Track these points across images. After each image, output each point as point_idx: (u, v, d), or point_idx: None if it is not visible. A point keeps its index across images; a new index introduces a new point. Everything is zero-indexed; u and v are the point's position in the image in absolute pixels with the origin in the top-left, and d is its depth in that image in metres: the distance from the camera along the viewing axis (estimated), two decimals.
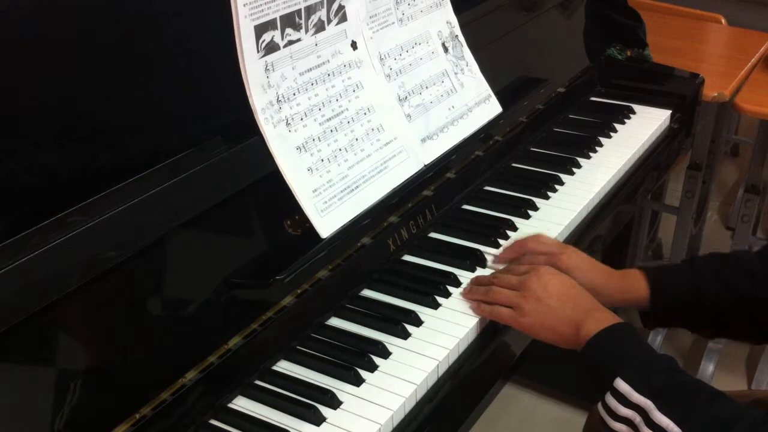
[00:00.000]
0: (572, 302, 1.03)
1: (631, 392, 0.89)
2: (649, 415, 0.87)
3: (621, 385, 0.90)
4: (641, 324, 1.17)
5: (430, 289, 1.13)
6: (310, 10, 1.08)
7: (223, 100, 1.03)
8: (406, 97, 1.26)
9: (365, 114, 1.18)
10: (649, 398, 0.88)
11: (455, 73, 1.36)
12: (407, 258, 1.21)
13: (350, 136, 1.15)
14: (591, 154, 1.52)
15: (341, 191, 1.11)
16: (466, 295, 1.12)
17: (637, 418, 0.88)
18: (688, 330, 1.17)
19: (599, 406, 0.93)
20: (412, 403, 0.97)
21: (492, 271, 1.18)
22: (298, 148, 1.07)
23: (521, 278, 1.07)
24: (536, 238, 1.19)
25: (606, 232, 1.45)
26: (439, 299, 1.12)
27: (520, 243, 1.19)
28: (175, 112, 1.00)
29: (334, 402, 0.95)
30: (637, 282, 1.12)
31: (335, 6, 1.13)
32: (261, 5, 1.00)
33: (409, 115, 1.25)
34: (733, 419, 0.84)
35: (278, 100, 1.06)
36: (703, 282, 1.09)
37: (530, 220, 1.32)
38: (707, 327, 1.14)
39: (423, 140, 1.26)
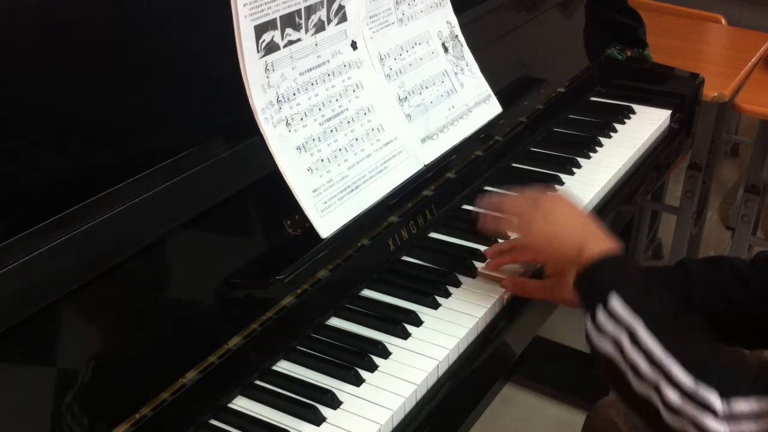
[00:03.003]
0: (581, 225, 1.04)
1: (622, 310, 0.89)
2: (636, 335, 0.87)
3: (614, 301, 0.90)
4: None
5: (430, 289, 1.13)
6: (310, 10, 1.08)
7: (223, 100, 1.03)
8: (406, 97, 1.26)
9: (365, 114, 1.18)
10: (639, 318, 0.87)
11: (455, 73, 1.36)
12: (407, 258, 1.21)
13: (350, 136, 1.15)
14: (591, 154, 1.52)
15: (341, 191, 1.11)
16: (480, 199, 1.15)
17: (623, 338, 0.88)
18: None
19: (587, 324, 0.93)
20: (412, 403, 0.97)
21: (492, 271, 1.18)
22: (298, 148, 1.07)
23: (536, 195, 1.09)
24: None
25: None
26: (439, 299, 1.12)
27: (513, 241, 1.19)
28: (175, 112, 1.00)
29: (334, 402, 0.95)
30: None
31: (335, 6, 1.13)
32: (261, 5, 1.00)
33: (409, 115, 1.25)
34: (717, 350, 0.85)
35: (278, 100, 1.06)
36: (696, 288, 1.09)
37: None
38: None
39: (423, 140, 1.26)
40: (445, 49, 1.36)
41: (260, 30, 1.01)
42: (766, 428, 0.77)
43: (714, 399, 0.80)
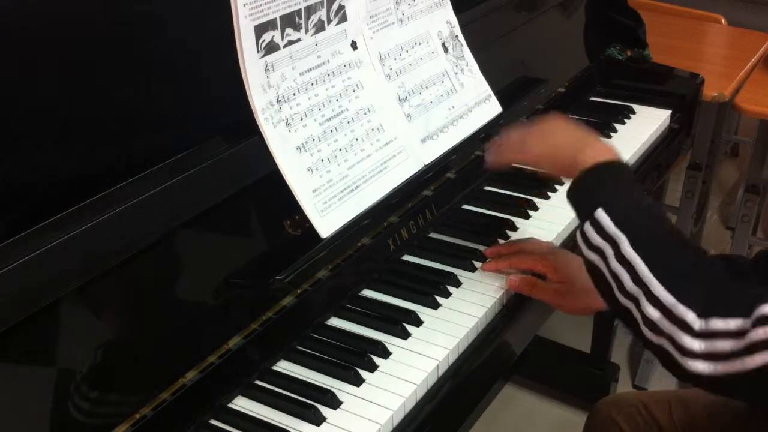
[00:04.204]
0: (577, 136, 1.05)
1: (609, 224, 0.90)
2: (620, 248, 0.88)
3: (601, 215, 0.91)
4: None
5: (430, 289, 1.13)
6: (310, 10, 1.08)
7: (223, 100, 1.03)
8: (406, 97, 1.26)
9: (365, 114, 1.18)
10: (623, 232, 0.89)
11: (455, 73, 1.36)
12: (407, 258, 1.21)
13: (350, 136, 1.15)
14: None
15: (341, 191, 1.11)
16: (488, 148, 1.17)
17: (608, 250, 0.89)
18: None
19: (577, 234, 0.95)
20: (412, 403, 0.97)
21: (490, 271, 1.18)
22: (298, 148, 1.07)
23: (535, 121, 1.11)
24: (530, 240, 1.22)
25: None
26: (439, 299, 1.12)
27: (513, 244, 1.21)
28: (175, 112, 1.00)
29: (334, 402, 0.95)
30: None
31: (335, 6, 1.13)
32: (261, 5, 1.00)
33: (409, 115, 1.25)
34: (698, 268, 0.86)
35: (278, 100, 1.06)
36: None
37: (530, 220, 1.32)
38: None
39: (423, 140, 1.26)
40: (445, 49, 1.36)
41: (260, 30, 1.01)
42: (739, 347, 0.77)
43: (691, 317, 0.81)
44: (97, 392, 0.84)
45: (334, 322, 1.08)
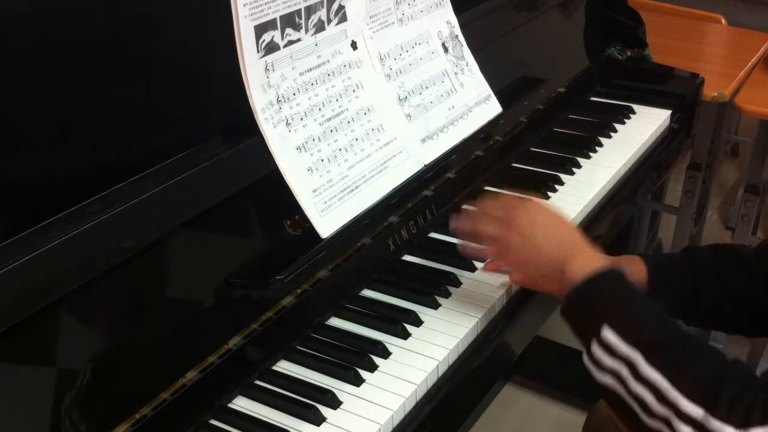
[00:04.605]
0: (558, 241, 0.99)
1: (618, 343, 0.86)
2: (637, 368, 0.84)
3: (608, 334, 0.86)
4: None
5: (430, 289, 1.13)
6: (310, 10, 1.08)
7: (223, 100, 1.03)
8: (406, 97, 1.26)
9: (365, 114, 1.18)
10: (637, 350, 0.84)
11: (455, 73, 1.36)
12: (407, 258, 1.21)
13: (350, 136, 1.15)
14: (591, 154, 1.52)
15: (341, 191, 1.11)
16: (453, 223, 1.07)
17: (624, 371, 0.85)
18: (684, 323, 1.18)
19: (584, 357, 0.90)
20: (412, 403, 0.97)
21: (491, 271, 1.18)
22: (298, 148, 1.07)
23: (509, 210, 1.03)
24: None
25: (606, 232, 1.45)
26: (439, 299, 1.12)
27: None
28: (175, 112, 1.00)
29: (334, 402, 0.95)
30: (637, 268, 1.11)
31: (335, 6, 1.13)
32: (261, 5, 1.00)
33: (409, 115, 1.25)
34: (722, 374, 0.81)
35: (278, 100, 1.06)
36: (700, 278, 1.09)
37: None
38: (704, 321, 1.14)
39: (423, 140, 1.26)
40: (445, 49, 1.36)
41: (260, 30, 1.01)
42: None
43: (729, 430, 0.77)
44: (97, 392, 0.84)
45: (334, 322, 1.08)
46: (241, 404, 0.96)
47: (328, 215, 1.08)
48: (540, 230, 0.99)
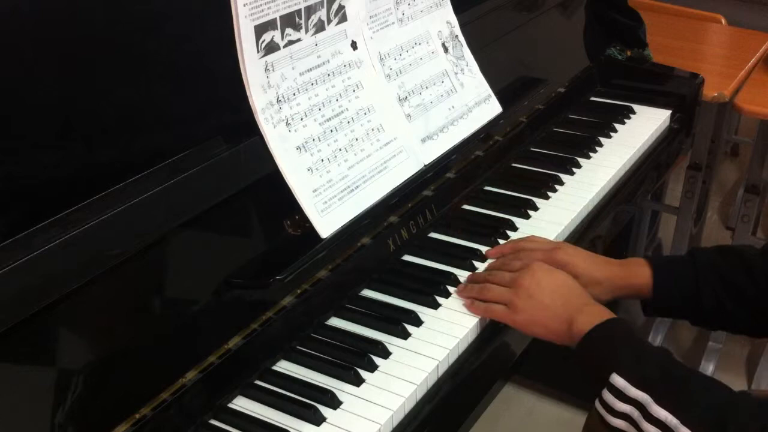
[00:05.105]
0: (564, 298, 1.03)
1: (627, 387, 0.89)
2: (648, 409, 0.87)
3: (617, 380, 0.90)
4: (641, 308, 1.17)
5: (430, 289, 1.13)
6: (310, 10, 1.08)
7: (223, 100, 1.03)
8: (406, 97, 1.26)
9: (365, 114, 1.18)
10: (646, 392, 0.88)
11: (455, 73, 1.36)
12: (407, 258, 1.21)
13: (350, 136, 1.15)
14: (591, 154, 1.52)
15: (341, 191, 1.11)
16: (461, 292, 1.12)
17: (635, 413, 0.89)
18: (690, 323, 1.18)
19: (596, 403, 0.94)
20: (412, 403, 0.97)
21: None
22: (298, 148, 1.07)
23: (514, 275, 1.08)
24: (530, 238, 1.20)
25: (606, 232, 1.45)
26: (439, 299, 1.12)
27: (515, 243, 1.20)
28: (175, 112, 1.00)
29: (334, 402, 0.95)
30: (641, 270, 1.13)
31: (335, 6, 1.13)
32: (261, 5, 1.00)
33: (409, 115, 1.25)
34: (730, 407, 0.85)
35: (278, 100, 1.06)
36: (703, 279, 1.10)
37: (530, 220, 1.32)
38: (708, 321, 1.15)
39: (423, 140, 1.26)
40: (445, 49, 1.36)
41: (260, 30, 1.01)
42: None
43: None
44: (97, 392, 0.84)
45: (334, 322, 1.08)
46: (241, 404, 0.96)
47: (328, 215, 1.08)
48: (546, 290, 1.04)
